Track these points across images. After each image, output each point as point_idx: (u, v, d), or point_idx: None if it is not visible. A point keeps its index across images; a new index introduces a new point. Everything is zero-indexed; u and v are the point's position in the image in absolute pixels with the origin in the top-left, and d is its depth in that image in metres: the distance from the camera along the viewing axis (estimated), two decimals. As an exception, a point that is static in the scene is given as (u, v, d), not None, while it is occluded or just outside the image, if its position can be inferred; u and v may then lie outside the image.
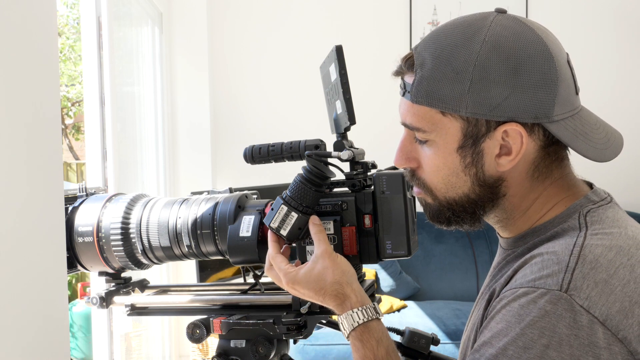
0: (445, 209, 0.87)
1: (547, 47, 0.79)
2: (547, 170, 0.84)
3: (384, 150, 2.81)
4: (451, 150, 0.83)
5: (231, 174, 3.50)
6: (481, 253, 3.38)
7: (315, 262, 0.90)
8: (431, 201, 0.88)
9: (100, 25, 2.18)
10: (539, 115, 0.79)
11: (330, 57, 0.95)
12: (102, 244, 1.08)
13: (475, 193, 0.84)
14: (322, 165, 0.92)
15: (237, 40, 3.57)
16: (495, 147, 0.81)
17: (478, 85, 0.78)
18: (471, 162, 0.83)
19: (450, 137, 0.82)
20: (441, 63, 0.80)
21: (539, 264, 0.76)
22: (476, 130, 0.81)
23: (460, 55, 0.79)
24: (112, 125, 2.22)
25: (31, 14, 0.94)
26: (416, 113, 0.83)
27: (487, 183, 0.84)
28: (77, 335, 3.48)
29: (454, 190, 0.85)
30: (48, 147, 0.98)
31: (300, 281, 0.90)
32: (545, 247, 0.79)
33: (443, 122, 0.82)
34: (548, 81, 0.79)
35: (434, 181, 0.86)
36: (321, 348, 2.71)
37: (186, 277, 3.14)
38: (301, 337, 1.02)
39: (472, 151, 0.82)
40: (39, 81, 0.97)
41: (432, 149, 0.84)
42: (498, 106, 0.79)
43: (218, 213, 1.04)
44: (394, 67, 0.90)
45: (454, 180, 0.84)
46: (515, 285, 0.76)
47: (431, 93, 0.81)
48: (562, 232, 0.81)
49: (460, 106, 0.79)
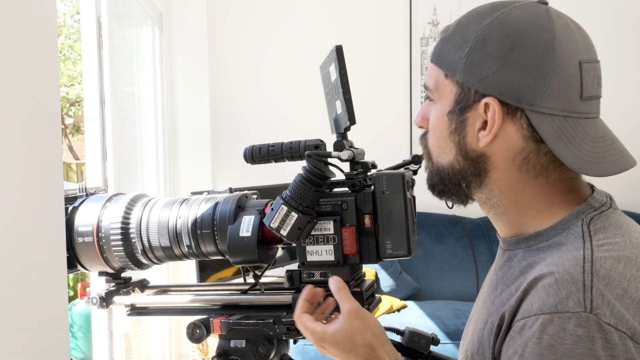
0: (435, 174, 0.90)
1: (554, 39, 0.79)
2: (542, 168, 0.83)
3: (384, 150, 2.82)
4: (443, 113, 0.86)
5: (231, 174, 3.50)
6: (481, 253, 3.38)
7: (344, 322, 0.88)
8: (429, 165, 0.91)
9: (100, 25, 2.18)
10: (522, 99, 0.79)
11: (330, 57, 0.95)
12: (102, 244, 1.08)
13: (459, 164, 0.86)
14: (322, 165, 0.92)
15: (237, 40, 3.57)
16: (477, 120, 0.83)
17: (474, 54, 0.81)
18: (455, 130, 0.85)
19: (446, 100, 0.86)
20: (457, 30, 0.85)
21: (553, 286, 0.74)
22: (466, 98, 0.83)
23: (472, 25, 0.83)
24: (112, 125, 2.22)
25: (31, 14, 0.94)
26: (430, 72, 0.88)
27: (469, 155, 0.85)
28: (77, 335, 3.49)
29: (443, 156, 0.88)
30: (48, 147, 0.98)
31: (329, 341, 0.88)
32: (552, 262, 0.77)
33: (444, 85, 0.86)
34: (540, 69, 0.79)
35: (432, 142, 0.89)
36: (321, 348, 2.71)
37: (186, 277, 3.14)
38: (301, 337, 1.01)
39: (457, 118, 0.85)
40: (39, 81, 0.97)
41: (435, 109, 0.88)
42: (485, 78, 0.81)
43: (218, 213, 1.04)
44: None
45: (442, 144, 0.87)
46: (534, 312, 0.74)
47: (440, 54, 0.86)
48: (564, 241, 0.80)
49: (456, 71, 0.83)
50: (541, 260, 0.80)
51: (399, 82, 3.62)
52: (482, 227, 3.43)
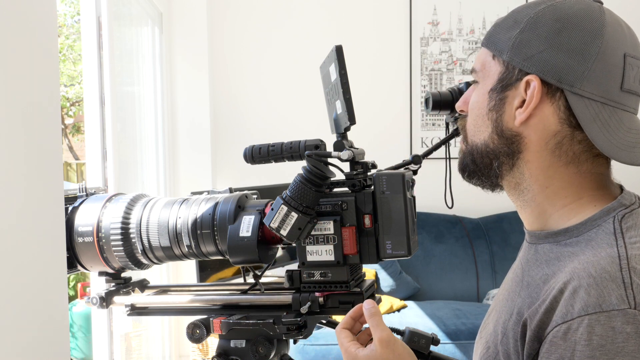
0: (468, 154, 0.91)
1: (602, 28, 0.81)
2: (574, 156, 0.83)
3: (384, 150, 2.82)
4: (485, 91, 0.88)
5: (231, 174, 3.50)
6: (481, 253, 3.38)
7: (375, 350, 0.86)
8: (463, 146, 0.92)
9: (100, 25, 2.18)
10: (563, 80, 0.80)
11: (330, 57, 0.95)
12: (102, 244, 1.08)
13: (493, 142, 0.87)
14: (322, 165, 0.92)
15: (237, 40, 3.57)
16: (516, 98, 0.84)
17: (524, 34, 0.83)
18: (494, 106, 0.87)
19: (490, 79, 0.87)
20: (510, 15, 0.88)
21: (593, 286, 0.73)
22: (508, 77, 0.85)
23: (526, 10, 0.86)
24: (112, 125, 2.22)
25: (31, 13, 0.94)
26: (479, 56, 0.91)
27: (504, 134, 0.86)
28: (77, 335, 3.49)
29: (478, 134, 0.89)
30: (48, 147, 0.98)
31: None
32: (586, 261, 0.76)
33: (490, 65, 0.88)
34: (585, 53, 0.80)
35: (469, 122, 0.91)
36: (321, 348, 2.71)
37: (186, 277, 3.14)
38: (301, 337, 1.02)
39: (497, 95, 0.86)
40: (39, 81, 0.97)
41: (477, 90, 0.90)
42: (531, 57, 0.83)
43: (218, 213, 1.04)
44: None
45: (479, 122, 0.89)
46: (577, 313, 0.72)
47: (491, 37, 0.88)
48: (594, 237, 0.80)
49: (504, 51, 0.85)
50: (570, 257, 0.80)
51: (399, 82, 3.62)
52: (482, 227, 3.43)
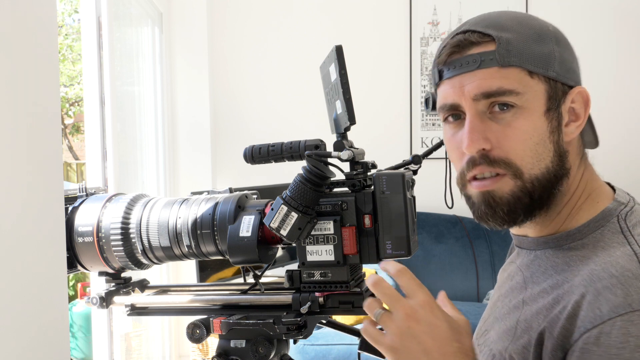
0: (527, 193, 0.79)
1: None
2: (581, 152, 0.85)
3: (384, 150, 2.82)
4: (540, 113, 0.79)
5: (231, 174, 3.50)
6: (481, 253, 3.38)
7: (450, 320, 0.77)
8: (511, 185, 0.79)
9: (100, 25, 2.18)
10: (579, 84, 0.84)
11: (330, 57, 0.95)
12: (102, 244, 1.08)
13: (554, 166, 0.80)
14: (322, 165, 0.92)
15: (237, 40, 3.57)
16: (565, 114, 0.81)
17: (557, 47, 0.80)
18: (556, 127, 0.80)
19: (539, 99, 0.79)
20: (523, 26, 0.80)
21: (617, 286, 0.70)
22: (556, 93, 0.80)
23: (532, 20, 0.82)
24: (112, 125, 2.22)
25: (31, 13, 0.94)
26: (505, 76, 0.78)
27: (561, 153, 0.80)
28: (77, 335, 3.49)
29: (539, 163, 0.79)
30: (48, 147, 0.98)
31: (433, 322, 0.75)
32: (603, 262, 0.74)
33: (531, 84, 0.79)
34: (576, 57, 0.84)
35: (520, 154, 0.78)
36: (321, 348, 2.71)
37: (186, 277, 3.14)
38: (301, 337, 1.01)
39: (556, 114, 0.80)
40: (39, 81, 0.97)
41: (521, 115, 0.78)
42: (570, 69, 0.81)
43: (218, 213, 1.04)
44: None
45: (541, 149, 0.79)
46: (607, 316, 0.69)
47: (523, 52, 0.78)
48: (601, 238, 0.78)
49: (550, 66, 0.79)
50: (582, 260, 0.78)
51: (399, 82, 3.62)
52: (482, 227, 3.42)
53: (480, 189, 0.82)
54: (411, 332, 0.74)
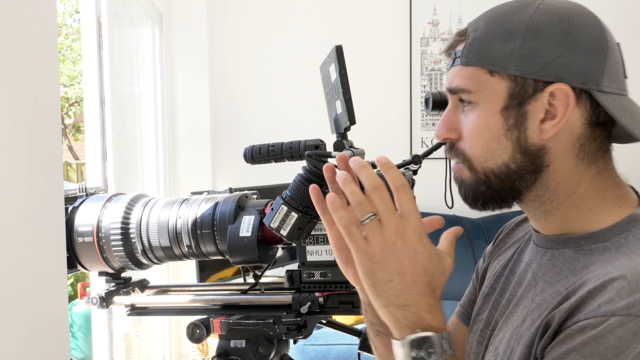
0: (482, 182, 0.83)
1: (599, 21, 0.81)
2: (592, 156, 0.81)
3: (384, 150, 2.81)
4: (495, 111, 0.81)
5: (231, 174, 3.50)
6: (481, 253, 3.36)
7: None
8: (468, 174, 0.84)
9: (100, 25, 2.18)
10: (588, 80, 0.78)
11: (330, 57, 0.95)
12: (102, 244, 1.08)
13: (515, 162, 0.81)
14: (322, 165, 0.92)
15: (237, 40, 3.57)
16: (540, 111, 0.79)
17: (530, 43, 0.78)
18: (514, 124, 0.80)
19: (496, 97, 0.80)
20: (494, 25, 0.81)
21: (626, 289, 0.70)
22: (523, 90, 0.79)
23: (514, 17, 0.80)
24: (112, 125, 2.22)
25: (31, 13, 0.94)
26: (464, 74, 0.82)
27: (528, 150, 0.80)
28: (77, 335, 3.49)
29: (493, 158, 0.81)
30: (48, 147, 0.98)
31: (418, 241, 0.74)
32: (622, 265, 0.73)
33: (490, 82, 0.80)
34: (598, 48, 0.78)
35: (474, 149, 0.83)
36: (321, 348, 2.71)
37: (186, 277, 3.14)
38: (301, 337, 1.02)
39: (516, 112, 0.80)
40: (39, 81, 0.97)
41: (476, 112, 0.82)
42: (547, 65, 0.78)
43: (218, 213, 1.04)
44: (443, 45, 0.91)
45: (494, 146, 0.81)
46: (603, 312, 0.69)
47: (481, 52, 0.80)
48: (625, 243, 0.77)
49: (510, 64, 0.78)
50: (596, 261, 0.77)
51: (399, 82, 3.62)
52: (482, 227, 3.42)
53: (453, 170, 0.88)
54: (395, 248, 0.73)
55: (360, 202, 0.75)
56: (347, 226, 0.75)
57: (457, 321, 1.09)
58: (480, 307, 0.98)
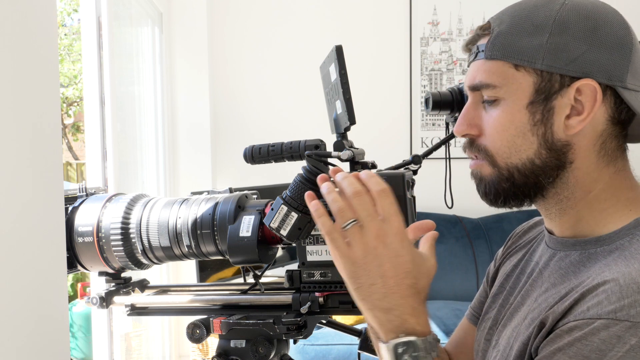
0: (504, 179, 0.83)
1: (624, 19, 0.81)
2: (612, 154, 0.81)
3: (384, 150, 2.81)
4: (521, 106, 0.80)
5: (231, 174, 3.50)
6: (481, 253, 3.38)
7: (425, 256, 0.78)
8: (489, 170, 0.84)
9: (100, 25, 2.18)
10: (613, 77, 0.77)
11: (330, 57, 0.95)
12: (102, 244, 1.08)
13: (540, 158, 0.80)
14: (322, 165, 0.92)
15: (237, 40, 3.57)
16: (566, 107, 0.79)
17: (557, 38, 0.78)
18: (540, 120, 0.80)
19: (522, 92, 0.80)
20: (520, 19, 0.80)
21: (616, 293, 0.70)
22: (549, 85, 0.79)
23: (540, 12, 0.79)
24: (112, 125, 2.22)
25: (31, 13, 0.94)
26: (488, 69, 0.81)
27: (554, 146, 0.80)
28: (77, 335, 3.48)
29: (517, 154, 0.81)
30: (48, 147, 0.98)
31: (399, 244, 0.74)
32: (617, 270, 0.73)
33: (515, 77, 0.80)
34: (624, 45, 0.78)
35: (497, 144, 0.82)
36: (321, 348, 2.71)
37: (186, 277, 3.14)
38: (301, 337, 1.02)
39: (542, 107, 0.79)
40: (39, 81, 0.97)
41: (500, 107, 0.81)
42: (575, 60, 0.77)
43: (218, 213, 1.04)
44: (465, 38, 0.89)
45: (519, 141, 0.81)
46: (591, 315, 0.70)
47: (507, 46, 0.80)
48: (627, 247, 0.77)
49: (537, 58, 0.78)
50: (598, 264, 0.77)
51: (399, 82, 3.62)
52: (482, 227, 3.43)
53: (471, 167, 0.87)
54: (376, 252, 0.74)
55: (341, 209, 0.76)
56: (329, 232, 0.76)
57: (467, 323, 1.10)
58: (489, 305, 0.99)
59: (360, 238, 0.75)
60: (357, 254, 0.74)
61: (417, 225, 0.81)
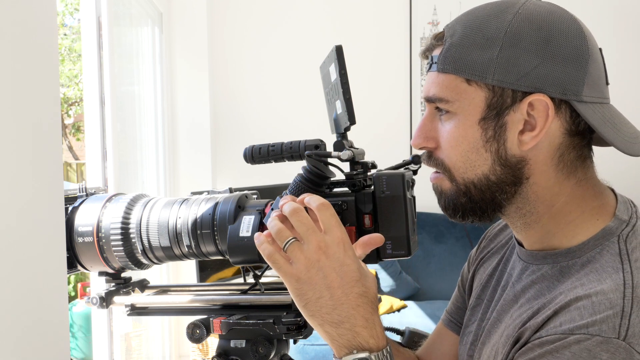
0: (462, 193, 0.82)
1: (580, 26, 0.77)
2: (572, 165, 0.79)
3: (384, 150, 2.81)
4: (473, 122, 0.79)
5: (231, 174, 3.50)
6: (481, 253, 3.38)
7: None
8: (448, 185, 0.83)
9: (100, 25, 2.18)
10: (568, 90, 0.75)
11: (330, 57, 0.95)
12: (102, 244, 1.08)
13: (495, 174, 0.79)
14: (322, 165, 0.92)
15: (237, 40, 3.57)
16: (519, 122, 0.77)
17: (508, 51, 0.75)
18: (493, 136, 0.78)
19: (474, 107, 0.78)
20: (472, 31, 0.78)
21: (588, 308, 0.70)
22: (501, 101, 0.77)
23: (492, 23, 0.77)
24: (112, 125, 2.22)
25: (31, 13, 0.94)
26: (441, 82, 0.80)
27: (508, 162, 0.78)
28: (77, 335, 3.49)
29: (472, 169, 0.80)
30: (48, 147, 0.98)
31: (341, 255, 0.74)
32: (589, 285, 0.73)
33: (467, 92, 0.78)
34: (579, 57, 0.75)
35: (453, 159, 0.81)
36: (321, 348, 2.71)
37: (186, 277, 3.14)
38: (301, 337, 1.02)
39: (494, 124, 0.78)
40: (39, 81, 0.97)
41: (454, 122, 0.80)
42: (526, 75, 0.75)
43: (218, 213, 1.04)
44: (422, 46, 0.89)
45: (473, 157, 0.79)
46: (563, 330, 0.70)
47: (458, 60, 0.78)
48: (598, 259, 0.76)
49: (487, 73, 0.76)
50: (571, 279, 0.76)
51: (399, 82, 3.62)
52: (482, 227, 3.42)
53: (432, 181, 0.87)
54: (319, 265, 0.73)
55: (278, 231, 0.76)
56: (269, 256, 0.76)
57: (442, 328, 1.08)
58: (468, 318, 0.98)
59: (301, 253, 0.74)
60: (299, 269, 0.74)
61: (365, 240, 0.80)
